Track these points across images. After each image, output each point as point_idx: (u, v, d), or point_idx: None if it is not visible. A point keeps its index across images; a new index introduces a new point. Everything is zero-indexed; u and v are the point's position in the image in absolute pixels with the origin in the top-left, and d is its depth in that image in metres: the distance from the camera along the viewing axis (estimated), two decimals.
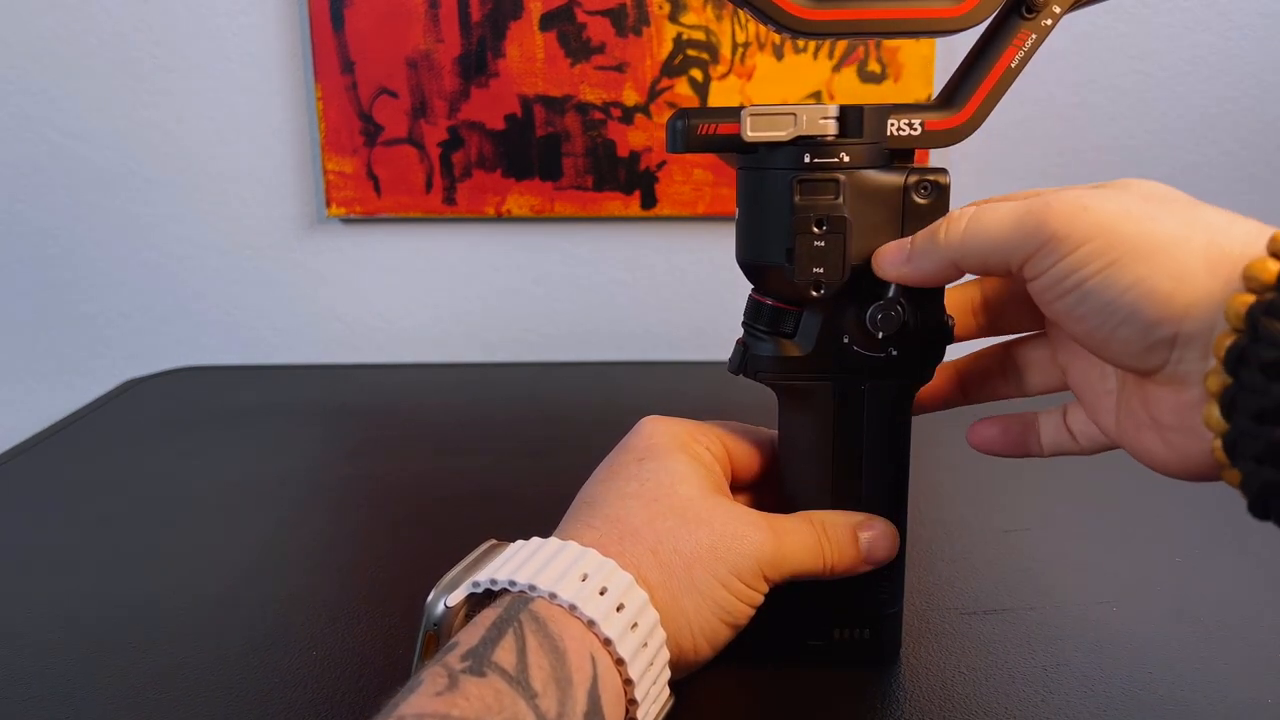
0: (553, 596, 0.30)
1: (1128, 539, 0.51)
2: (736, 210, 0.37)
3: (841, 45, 0.82)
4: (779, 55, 0.82)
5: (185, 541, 0.52)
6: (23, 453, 0.66)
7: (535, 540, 0.34)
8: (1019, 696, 0.37)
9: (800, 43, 0.82)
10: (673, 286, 0.90)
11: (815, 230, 0.34)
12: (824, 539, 0.36)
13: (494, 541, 0.35)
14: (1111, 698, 0.37)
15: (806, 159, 0.34)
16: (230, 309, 0.90)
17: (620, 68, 0.83)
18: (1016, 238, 0.29)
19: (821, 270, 0.34)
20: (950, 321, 0.36)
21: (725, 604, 0.34)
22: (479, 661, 0.27)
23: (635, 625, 0.31)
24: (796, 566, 0.35)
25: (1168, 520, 0.53)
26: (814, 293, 0.34)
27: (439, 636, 0.31)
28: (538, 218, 0.86)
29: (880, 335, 0.35)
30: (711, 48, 0.82)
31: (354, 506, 0.57)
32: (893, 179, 0.34)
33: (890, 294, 0.34)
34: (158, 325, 0.91)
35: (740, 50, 0.82)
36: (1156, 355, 0.28)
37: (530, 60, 0.83)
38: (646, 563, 0.33)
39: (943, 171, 0.34)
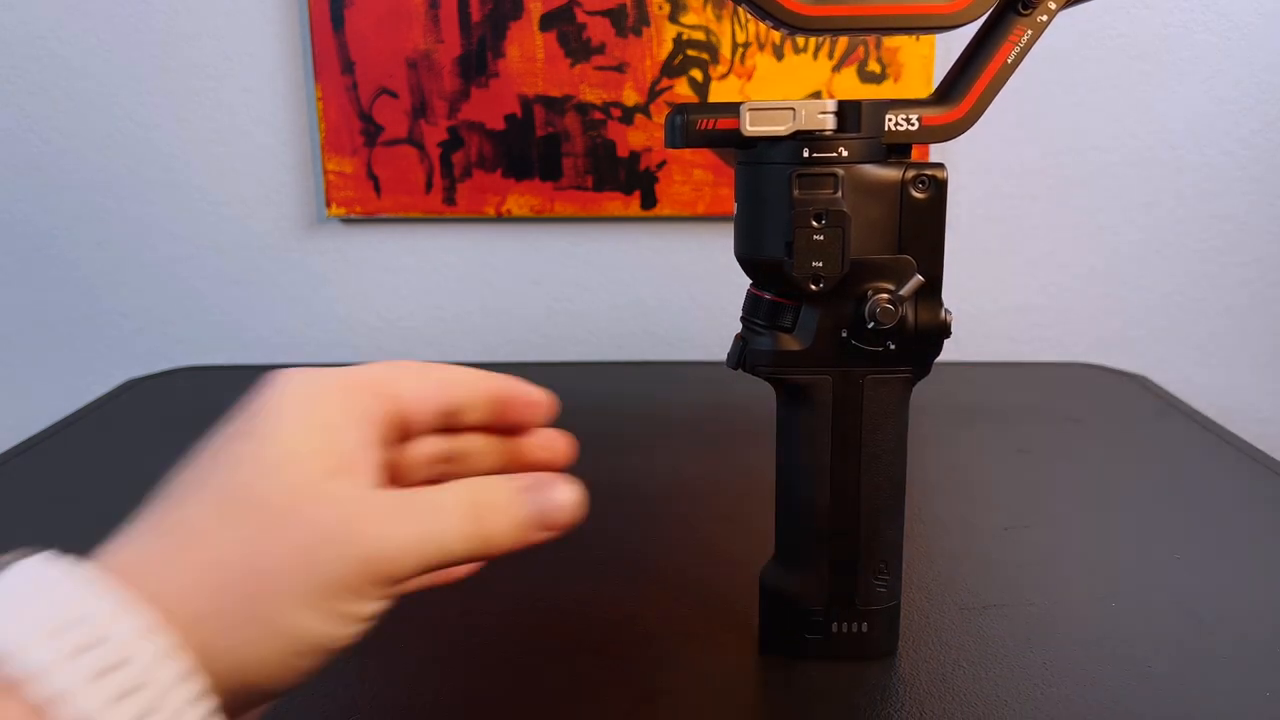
0: None
1: (1126, 536, 0.51)
2: (735, 206, 0.37)
3: (841, 45, 0.82)
4: (779, 55, 0.82)
5: None
6: (23, 453, 0.66)
7: (27, 561, 0.24)
8: (1017, 691, 0.37)
9: (800, 42, 0.82)
10: (673, 287, 0.90)
11: (814, 224, 0.34)
12: (476, 509, 0.28)
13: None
14: (1110, 693, 0.37)
15: (805, 154, 0.34)
16: (230, 309, 0.90)
17: (620, 68, 0.83)
18: None
19: (821, 264, 0.34)
20: (948, 315, 0.36)
21: (306, 631, 0.25)
22: None
23: (131, 691, 0.23)
24: (436, 554, 0.27)
25: (1166, 518, 0.53)
26: (813, 286, 0.35)
27: None
28: (538, 218, 0.87)
29: (878, 329, 0.35)
30: (711, 48, 0.82)
31: None
32: (890, 174, 0.34)
33: (889, 288, 0.35)
34: (158, 325, 0.91)
35: (740, 50, 0.82)
36: None
37: (530, 60, 0.83)
38: (192, 587, 0.25)
39: (940, 166, 0.35)
